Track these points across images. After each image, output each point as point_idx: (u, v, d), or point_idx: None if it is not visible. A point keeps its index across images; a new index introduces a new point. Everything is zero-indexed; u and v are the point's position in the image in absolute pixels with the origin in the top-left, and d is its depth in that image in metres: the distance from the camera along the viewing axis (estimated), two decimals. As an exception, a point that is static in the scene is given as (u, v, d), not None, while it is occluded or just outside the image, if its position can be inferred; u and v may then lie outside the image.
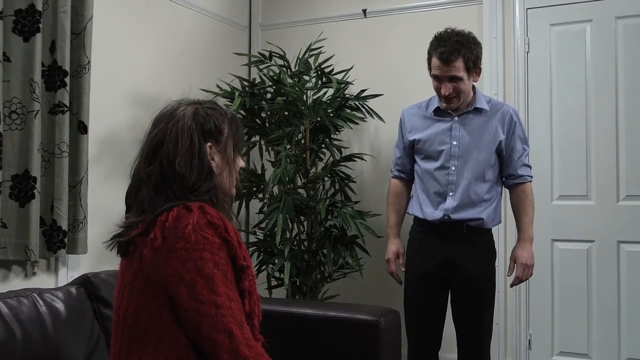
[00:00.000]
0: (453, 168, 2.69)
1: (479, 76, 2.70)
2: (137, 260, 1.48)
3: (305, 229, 3.59)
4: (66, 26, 2.70)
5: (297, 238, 3.54)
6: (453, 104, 2.68)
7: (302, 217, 3.55)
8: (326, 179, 3.66)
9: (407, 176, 2.91)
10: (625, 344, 3.32)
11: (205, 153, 1.55)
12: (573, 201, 3.47)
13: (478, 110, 2.72)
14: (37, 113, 2.58)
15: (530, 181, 2.79)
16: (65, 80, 2.69)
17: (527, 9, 3.57)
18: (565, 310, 3.47)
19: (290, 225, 3.51)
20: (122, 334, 1.50)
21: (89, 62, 2.80)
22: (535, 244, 3.50)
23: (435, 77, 2.66)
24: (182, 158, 1.51)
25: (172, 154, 1.52)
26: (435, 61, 2.63)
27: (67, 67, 2.70)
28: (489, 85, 3.59)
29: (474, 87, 2.74)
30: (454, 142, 2.70)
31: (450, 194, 2.68)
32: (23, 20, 2.57)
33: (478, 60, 2.65)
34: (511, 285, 2.85)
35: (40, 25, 2.59)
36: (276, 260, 3.36)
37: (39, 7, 2.59)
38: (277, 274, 3.51)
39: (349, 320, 2.47)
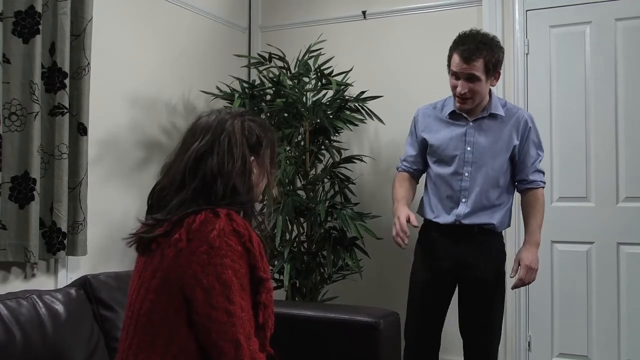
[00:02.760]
0: (466, 174, 2.67)
1: (497, 80, 2.69)
2: (158, 259, 1.49)
3: (305, 231, 3.59)
4: (66, 28, 2.70)
5: (297, 240, 3.54)
6: (467, 104, 2.65)
7: (301, 219, 3.55)
8: (326, 180, 3.66)
9: (415, 172, 2.88)
10: (625, 345, 3.32)
11: (252, 168, 1.59)
12: (573, 203, 3.47)
13: (493, 116, 2.70)
14: (36, 115, 2.58)
15: (543, 187, 2.77)
16: (65, 81, 2.69)
17: (526, 10, 3.58)
18: (565, 312, 3.47)
19: (290, 227, 3.51)
20: (134, 331, 1.51)
21: (88, 63, 2.80)
22: (535, 246, 3.52)
23: (453, 74, 2.64)
24: (238, 175, 1.54)
25: (227, 168, 1.53)
26: (455, 58, 2.61)
27: (66, 69, 2.70)
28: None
29: (490, 92, 2.72)
30: (468, 148, 2.68)
31: (463, 200, 2.67)
32: (23, 21, 2.58)
33: (499, 64, 2.64)
34: (512, 288, 2.82)
35: (40, 26, 2.59)
36: (276, 262, 3.36)
37: (39, 9, 2.59)
38: (276, 276, 3.51)
39: (349, 322, 2.47)
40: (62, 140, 2.69)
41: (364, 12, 4.00)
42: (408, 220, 2.60)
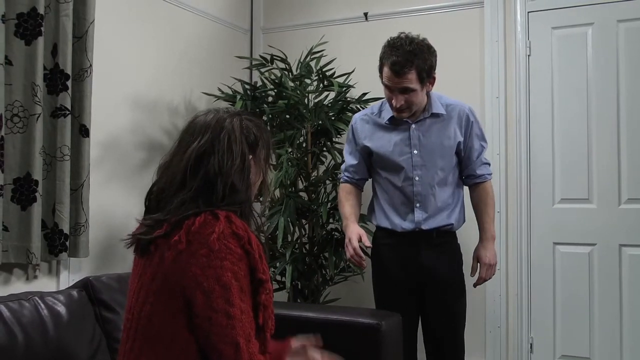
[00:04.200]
0: (417, 178, 2.65)
1: (432, 85, 2.62)
2: (157, 261, 1.48)
3: (307, 232, 3.58)
4: (68, 30, 2.71)
5: (299, 241, 3.54)
6: (404, 113, 2.61)
7: (303, 221, 3.55)
8: (327, 182, 3.65)
9: (358, 182, 2.84)
10: (627, 346, 3.31)
11: (250, 167, 1.59)
12: (575, 204, 3.47)
13: (435, 115, 2.66)
14: (38, 116, 2.58)
15: (490, 179, 2.77)
16: (67, 83, 2.69)
17: (528, 12, 3.57)
18: (567, 314, 3.46)
19: (292, 229, 3.51)
20: (135, 334, 1.51)
21: (90, 65, 2.80)
22: (537, 247, 3.52)
23: (386, 87, 2.58)
24: (237, 173, 1.54)
25: (227, 167, 1.53)
26: (386, 71, 2.54)
27: (68, 71, 2.70)
28: (490, 88, 3.60)
29: (428, 94, 2.66)
30: (415, 151, 2.65)
31: (417, 205, 2.65)
32: (25, 23, 2.58)
33: (432, 70, 2.56)
34: (474, 285, 2.78)
35: (42, 28, 2.60)
36: (278, 264, 3.36)
37: (41, 11, 2.59)
38: (278, 277, 3.51)
39: (351, 323, 2.47)
40: (64, 141, 2.69)
41: (365, 14, 4.00)
42: (359, 240, 2.57)
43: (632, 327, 3.31)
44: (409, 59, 2.48)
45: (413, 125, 2.66)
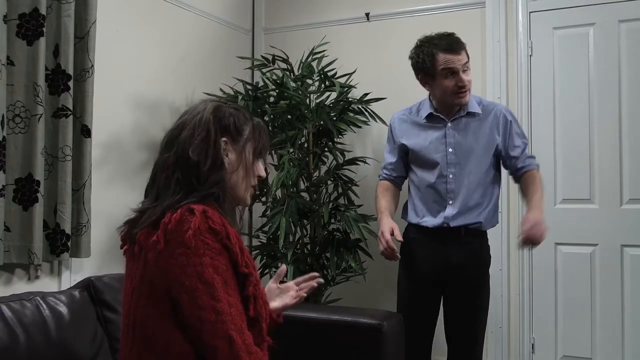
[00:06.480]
0: (451, 176, 2.66)
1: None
2: (142, 263, 1.49)
3: (309, 233, 3.58)
4: (70, 30, 2.71)
5: (300, 242, 3.54)
6: (467, 96, 2.63)
7: (305, 221, 3.55)
8: (329, 182, 3.65)
9: (396, 179, 2.87)
10: (629, 347, 3.31)
11: (220, 146, 1.58)
12: (576, 205, 3.47)
13: (471, 114, 2.68)
14: (40, 117, 2.59)
15: (537, 169, 2.72)
16: (68, 84, 2.69)
17: (530, 12, 3.57)
18: (568, 314, 3.46)
19: (294, 229, 3.51)
20: (133, 338, 1.51)
21: (92, 66, 2.81)
22: (539, 248, 3.51)
23: (450, 73, 2.58)
24: (196, 147, 1.56)
25: (188, 142, 1.56)
26: (443, 56, 2.56)
27: (70, 71, 2.70)
28: (492, 88, 3.59)
29: None
30: (450, 149, 2.66)
31: (450, 202, 2.66)
32: (27, 24, 2.58)
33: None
34: (518, 246, 2.60)
35: (44, 29, 2.60)
36: (279, 264, 3.36)
37: (43, 11, 2.59)
38: (280, 278, 3.51)
39: (352, 324, 2.47)
40: (66, 142, 2.69)
41: (367, 14, 4.00)
42: (392, 234, 2.57)
43: (634, 327, 3.31)
44: (460, 39, 2.60)
45: (449, 124, 2.68)
